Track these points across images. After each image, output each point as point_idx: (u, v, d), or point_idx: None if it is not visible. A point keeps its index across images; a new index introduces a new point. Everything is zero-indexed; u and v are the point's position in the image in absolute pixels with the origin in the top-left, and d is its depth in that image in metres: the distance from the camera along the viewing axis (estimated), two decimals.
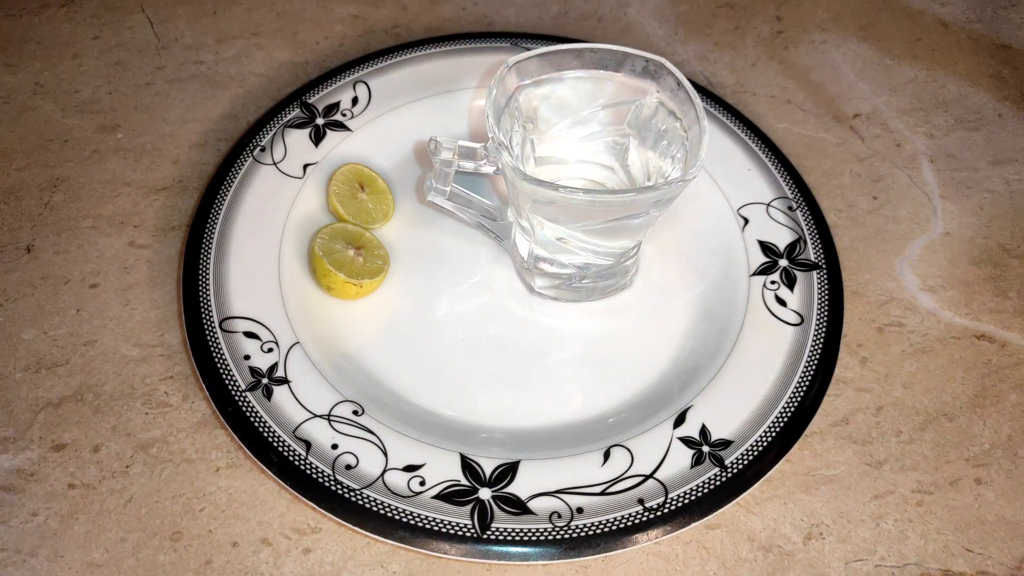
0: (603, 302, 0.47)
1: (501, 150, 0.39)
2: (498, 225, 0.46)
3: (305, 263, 0.47)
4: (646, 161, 0.42)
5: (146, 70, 0.58)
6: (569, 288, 0.46)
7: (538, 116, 0.43)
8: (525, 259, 0.46)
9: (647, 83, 0.42)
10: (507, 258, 0.48)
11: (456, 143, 0.42)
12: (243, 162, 0.49)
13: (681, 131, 0.41)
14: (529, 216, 0.42)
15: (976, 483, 0.42)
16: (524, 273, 0.47)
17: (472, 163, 0.42)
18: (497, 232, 0.47)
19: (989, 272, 0.50)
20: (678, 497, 0.39)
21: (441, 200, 0.44)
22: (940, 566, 0.40)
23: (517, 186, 0.40)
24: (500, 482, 0.39)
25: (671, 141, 0.41)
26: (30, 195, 0.52)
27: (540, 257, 0.45)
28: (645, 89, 0.43)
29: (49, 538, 0.40)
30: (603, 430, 0.42)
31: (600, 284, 0.46)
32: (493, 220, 0.46)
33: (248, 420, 0.40)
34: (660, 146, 0.42)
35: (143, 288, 0.48)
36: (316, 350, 0.43)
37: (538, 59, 0.42)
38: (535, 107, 0.43)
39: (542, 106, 0.43)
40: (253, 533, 0.40)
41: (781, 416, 0.41)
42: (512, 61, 0.41)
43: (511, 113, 0.42)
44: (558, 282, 0.46)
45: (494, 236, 0.47)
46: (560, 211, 0.40)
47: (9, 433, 0.43)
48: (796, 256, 0.47)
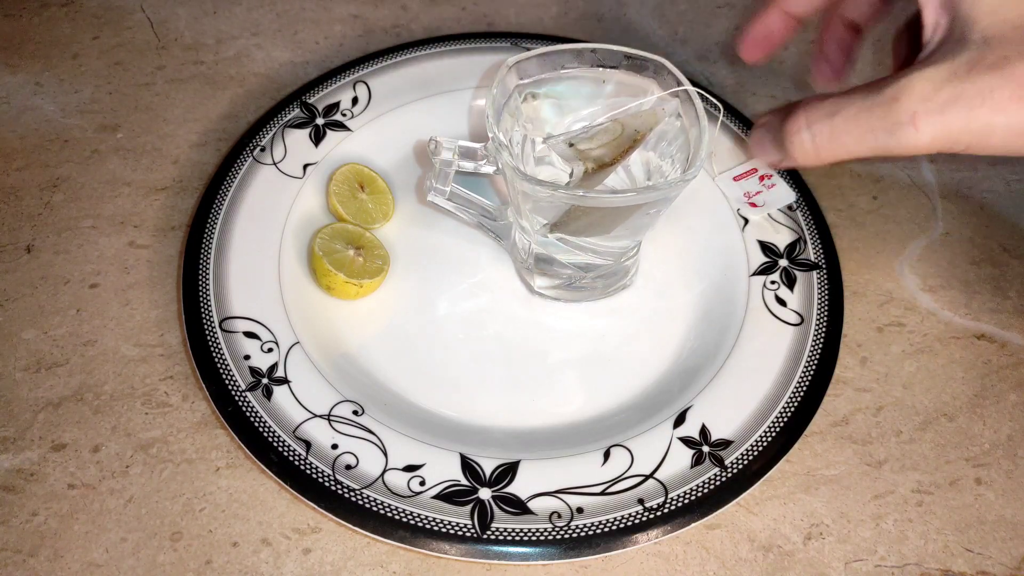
0: (603, 302, 0.47)
1: (501, 150, 0.39)
2: (498, 225, 0.46)
3: (305, 263, 0.47)
4: (646, 161, 0.42)
5: (146, 70, 0.58)
6: (569, 288, 0.46)
7: (538, 116, 0.43)
8: (525, 259, 0.46)
9: (647, 83, 0.42)
10: (508, 258, 0.48)
11: (456, 143, 0.42)
12: (243, 162, 0.49)
13: (681, 131, 0.41)
14: (529, 216, 0.42)
15: (976, 483, 0.42)
16: (524, 273, 0.47)
17: (472, 163, 0.42)
18: (497, 232, 0.47)
19: (989, 272, 0.50)
20: (678, 497, 0.39)
21: (441, 200, 0.44)
22: (940, 566, 0.40)
23: (517, 186, 0.40)
24: (500, 482, 0.39)
25: (671, 141, 0.41)
26: (30, 195, 0.52)
27: (540, 257, 0.45)
28: (645, 89, 0.43)
29: (49, 538, 0.40)
30: (603, 430, 0.42)
31: (600, 284, 0.46)
32: (493, 220, 0.46)
33: (248, 420, 0.40)
34: (660, 146, 0.42)
35: (143, 288, 0.48)
36: (316, 350, 0.43)
37: (538, 59, 0.42)
38: (535, 107, 0.43)
39: (542, 106, 0.43)
40: (253, 533, 0.40)
41: (781, 416, 0.41)
42: (512, 61, 0.41)
43: (511, 113, 0.42)
44: (558, 282, 0.46)
45: (494, 236, 0.47)
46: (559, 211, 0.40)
47: (9, 433, 0.43)
48: (796, 256, 0.47)
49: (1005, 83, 0.30)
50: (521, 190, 0.40)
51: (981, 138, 0.30)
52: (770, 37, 0.42)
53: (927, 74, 0.31)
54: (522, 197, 0.40)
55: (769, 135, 0.36)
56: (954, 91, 0.30)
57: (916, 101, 0.30)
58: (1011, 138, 0.30)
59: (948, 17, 0.32)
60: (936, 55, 0.31)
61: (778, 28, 0.41)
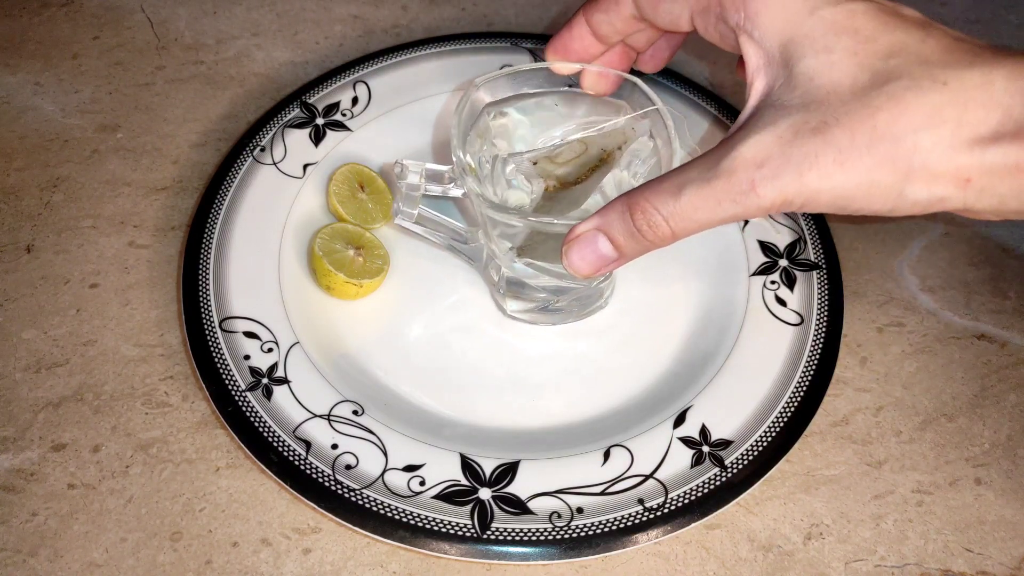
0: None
1: (466, 174, 0.39)
2: (469, 248, 0.45)
3: (305, 263, 0.47)
4: (619, 182, 0.41)
5: (146, 70, 0.58)
6: (544, 311, 0.45)
7: (508, 134, 0.43)
8: (497, 282, 0.45)
9: (620, 102, 0.42)
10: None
11: (423, 166, 0.41)
12: (243, 162, 0.49)
13: (654, 152, 0.41)
14: (497, 241, 0.41)
15: (976, 483, 0.42)
16: (497, 296, 0.46)
17: (439, 186, 0.41)
18: (469, 255, 0.46)
19: (989, 272, 0.50)
20: (678, 497, 0.39)
21: (408, 223, 0.43)
22: (940, 566, 0.40)
23: (481, 210, 0.39)
24: (500, 482, 0.39)
25: (645, 160, 0.41)
26: (30, 195, 0.52)
27: (512, 280, 0.44)
28: (618, 107, 0.42)
29: (49, 538, 0.40)
30: (603, 430, 0.42)
31: (576, 307, 0.45)
32: (464, 243, 0.45)
33: (248, 420, 0.40)
34: (633, 165, 0.41)
35: (143, 288, 0.48)
36: (316, 350, 0.44)
37: (507, 78, 0.41)
38: (504, 126, 0.43)
39: (512, 126, 0.43)
40: (253, 533, 0.40)
41: (781, 416, 0.41)
42: (480, 80, 0.41)
43: (480, 134, 0.42)
44: (532, 305, 0.45)
45: (466, 259, 0.46)
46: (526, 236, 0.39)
47: (9, 433, 0.43)
48: (796, 256, 0.47)
49: (827, 148, 0.31)
50: (486, 215, 0.39)
51: (811, 199, 0.32)
52: (574, 51, 0.42)
53: (756, 140, 0.32)
54: (490, 222, 0.40)
55: (611, 238, 0.36)
56: (783, 156, 0.31)
57: (751, 169, 0.32)
58: (837, 200, 0.31)
59: (770, 75, 0.33)
60: (762, 118, 0.33)
61: (583, 43, 0.41)
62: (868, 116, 0.30)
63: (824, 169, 0.31)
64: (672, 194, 0.33)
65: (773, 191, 0.31)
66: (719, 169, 0.32)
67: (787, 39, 0.33)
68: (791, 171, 0.31)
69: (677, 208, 0.33)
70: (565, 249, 0.37)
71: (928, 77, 0.30)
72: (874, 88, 0.31)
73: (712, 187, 0.32)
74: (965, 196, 0.31)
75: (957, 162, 0.30)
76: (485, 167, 0.41)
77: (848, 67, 0.31)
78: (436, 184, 0.41)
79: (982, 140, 0.30)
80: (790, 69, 0.33)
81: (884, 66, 0.31)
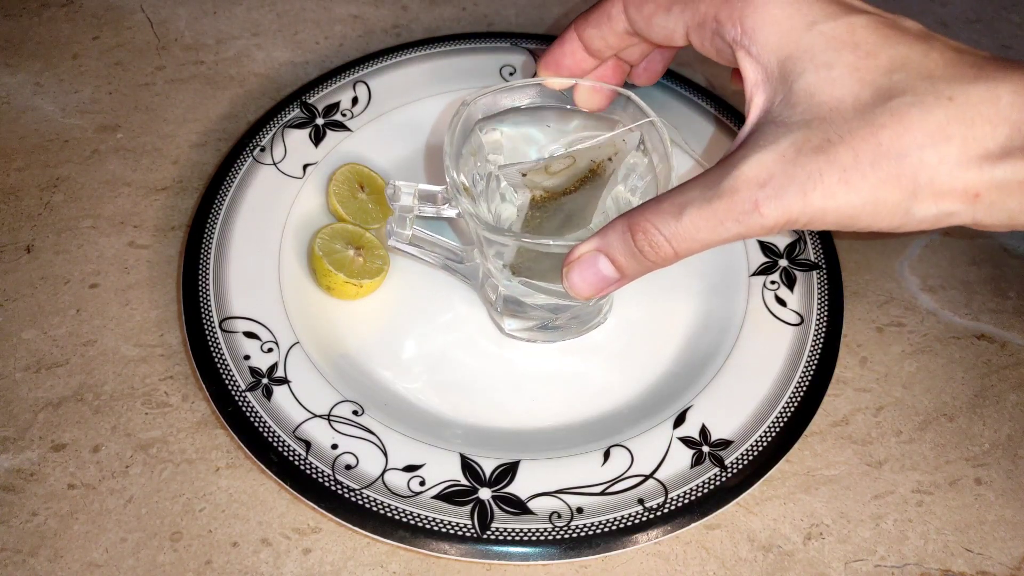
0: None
1: (460, 195, 0.39)
2: (465, 267, 0.45)
3: (305, 263, 0.47)
4: (616, 197, 0.41)
5: (146, 70, 0.58)
6: (541, 330, 0.45)
7: (502, 152, 0.42)
8: (494, 301, 0.45)
9: (613, 117, 0.42)
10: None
11: (416, 187, 0.41)
12: (243, 162, 0.49)
13: (650, 166, 0.40)
14: (492, 260, 0.41)
15: (976, 483, 0.42)
16: (494, 315, 0.46)
17: (433, 208, 0.41)
18: (465, 274, 0.45)
19: (989, 272, 0.50)
20: (678, 497, 0.39)
21: (402, 245, 0.43)
22: (940, 566, 0.40)
23: (475, 230, 0.39)
24: (500, 482, 0.39)
25: (642, 175, 0.41)
26: (30, 195, 0.52)
27: (508, 299, 0.44)
28: (613, 122, 0.42)
29: (49, 538, 0.40)
30: (603, 430, 0.42)
31: (575, 324, 0.45)
32: (459, 262, 0.45)
33: (248, 420, 0.40)
34: (630, 180, 0.41)
35: (143, 288, 0.48)
36: (316, 350, 0.44)
37: (500, 94, 0.41)
38: (496, 141, 0.42)
39: (505, 142, 0.42)
40: (253, 533, 0.40)
41: (781, 416, 0.41)
42: (472, 97, 0.41)
43: (472, 151, 0.41)
44: (530, 324, 0.45)
45: (462, 278, 0.46)
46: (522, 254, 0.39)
47: (9, 433, 0.43)
48: (796, 256, 0.47)
49: (831, 166, 0.30)
50: (480, 234, 0.39)
51: (816, 217, 0.31)
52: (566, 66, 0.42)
53: (758, 159, 0.31)
54: (486, 242, 0.39)
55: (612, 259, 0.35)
56: (786, 175, 0.31)
57: (754, 189, 0.31)
58: (842, 219, 0.31)
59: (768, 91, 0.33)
60: (763, 135, 0.32)
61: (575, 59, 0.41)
62: (872, 134, 0.30)
63: (828, 188, 0.30)
64: (673, 214, 0.33)
65: (777, 210, 0.31)
66: (721, 188, 0.32)
67: (786, 55, 0.32)
68: (795, 190, 0.31)
69: (679, 228, 0.33)
70: (566, 271, 0.36)
71: (932, 92, 0.30)
72: (877, 105, 0.30)
73: (714, 207, 0.32)
74: (974, 211, 0.30)
75: (965, 178, 0.30)
76: (479, 184, 0.41)
77: (850, 83, 0.31)
78: (430, 205, 0.41)
79: (990, 156, 0.29)
80: (789, 85, 0.32)
81: (887, 81, 0.30)
